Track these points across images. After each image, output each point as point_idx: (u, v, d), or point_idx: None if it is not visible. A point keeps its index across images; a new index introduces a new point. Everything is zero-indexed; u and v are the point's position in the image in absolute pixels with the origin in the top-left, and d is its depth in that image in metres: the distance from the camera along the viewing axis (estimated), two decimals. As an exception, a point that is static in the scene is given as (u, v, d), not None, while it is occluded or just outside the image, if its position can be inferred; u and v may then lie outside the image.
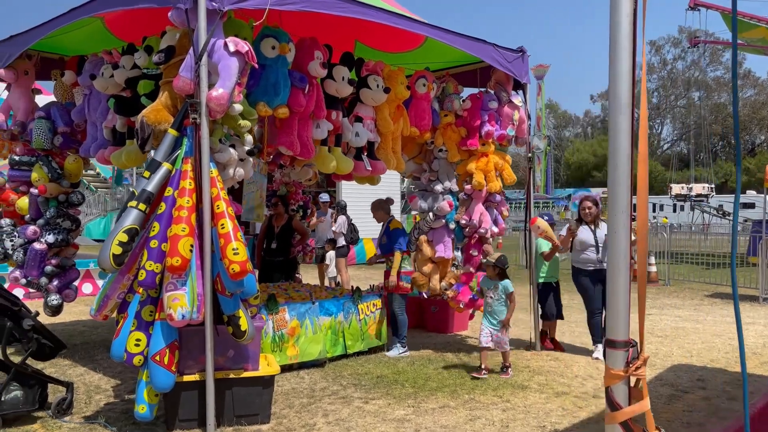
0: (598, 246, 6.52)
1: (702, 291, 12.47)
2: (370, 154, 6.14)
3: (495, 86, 6.83)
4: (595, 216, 6.62)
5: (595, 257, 6.52)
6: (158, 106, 4.59)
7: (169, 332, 4.20)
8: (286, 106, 5.18)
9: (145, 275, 4.07)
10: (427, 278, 6.96)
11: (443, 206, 6.73)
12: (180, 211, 4.17)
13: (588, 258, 6.57)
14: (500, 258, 6.08)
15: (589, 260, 6.57)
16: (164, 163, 4.39)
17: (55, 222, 6.16)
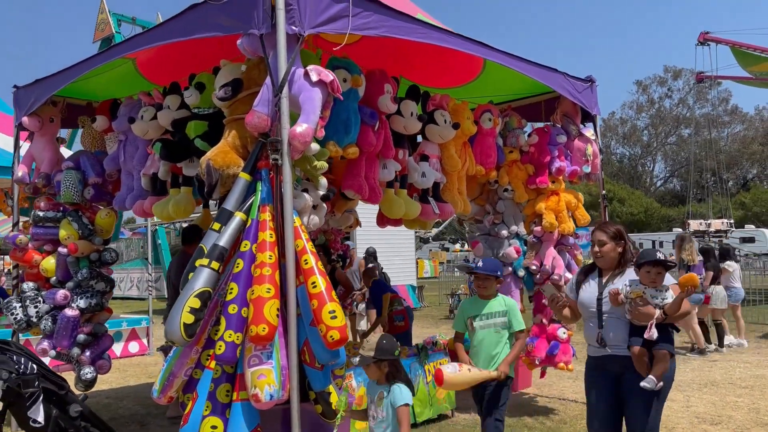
0: (602, 312, 3.81)
1: (751, 332, 11.79)
2: (435, 196, 5.53)
3: (561, 119, 6.30)
4: (612, 259, 3.89)
5: (596, 332, 3.81)
6: (225, 147, 3.97)
7: (251, 416, 3.48)
8: (356, 146, 4.59)
9: (225, 348, 3.38)
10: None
11: (510, 252, 6.11)
12: (262, 268, 3.51)
13: (589, 334, 3.91)
14: (381, 344, 3.73)
15: (590, 338, 3.89)
16: (237, 213, 3.75)
17: (88, 284, 5.45)
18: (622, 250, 3.90)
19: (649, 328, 3.57)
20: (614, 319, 3.79)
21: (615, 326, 3.78)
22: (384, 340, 3.80)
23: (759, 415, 5.88)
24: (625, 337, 3.70)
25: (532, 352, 6.02)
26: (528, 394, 7.11)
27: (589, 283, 3.98)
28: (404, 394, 3.64)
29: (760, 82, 21.05)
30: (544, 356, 5.98)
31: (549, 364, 6.05)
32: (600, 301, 3.84)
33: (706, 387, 7.19)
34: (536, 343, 6.04)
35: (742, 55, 18.93)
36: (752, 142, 60.72)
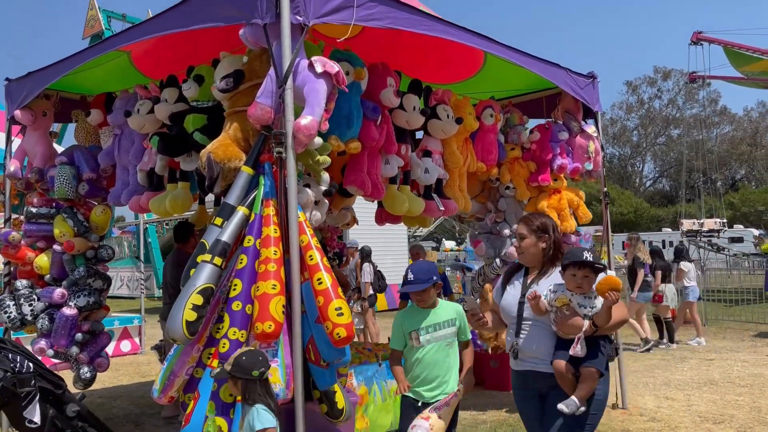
0: (522, 318, 3.28)
1: (745, 330, 11.82)
2: (438, 193, 5.44)
3: (563, 115, 6.23)
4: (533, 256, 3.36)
5: (512, 340, 3.31)
6: (226, 140, 3.87)
7: (256, 416, 3.38)
8: (358, 140, 4.51)
9: (229, 346, 3.29)
10: (494, 333, 6.20)
11: (511, 252, 6.03)
12: (267, 264, 3.42)
13: (507, 343, 3.43)
14: (239, 359, 3.11)
15: (507, 348, 3.41)
16: (239, 207, 3.65)
17: (85, 282, 5.33)
18: (546, 246, 3.31)
19: (575, 342, 3.04)
20: (538, 328, 3.21)
21: (538, 336, 3.20)
22: (244, 356, 3.12)
23: (761, 414, 5.85)
24: (551, 350, 3.16)
25: None
26: (527, 393, 7.04)
27: (514, 285, 3.41)
28: (262, 418, 3.04)
29: (751, 83, 21.14)
30: None
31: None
32: (522, 305, 3.27)
33: (706, 386, 7.16)
34: None
35: (735, 55, 18.99)
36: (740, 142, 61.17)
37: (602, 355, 3.14)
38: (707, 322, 12.89)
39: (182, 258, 6.20)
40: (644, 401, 6.46)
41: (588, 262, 3.08)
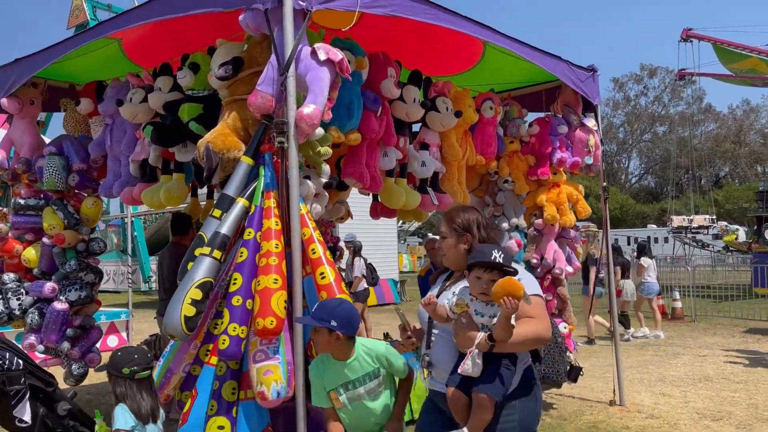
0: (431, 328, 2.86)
1: (735, 327, 11.87)
2: (433, 186, 5.34)
3: (562, 108, 6.16)
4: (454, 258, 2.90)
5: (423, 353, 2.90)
6: (225, 129, 3.75)
7: (260, 415, 3.29)
8: (358, 132, 4.40)
9: (229, 342, 3.17)
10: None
11: (511, 246, 5.94)
12: (268, 258, 3.30)
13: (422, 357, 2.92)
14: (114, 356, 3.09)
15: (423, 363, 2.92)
16: (239, 199, 3.53)
17: (76, 276, 5.18)
18: (467, 247, 2.80)
19: (465, 358, 2.56)
20: (443, 341, 2.77)
21: (443, 350, 2.73)
22: (119, 353, 2.97)
23: (758, 411, 5.83)
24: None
25: None
26: (523, 389, 6.98)
27: (433, 289, 2.97)
28: (117, 418, 2.96)
29: (739, 80, 21.24)
30: None
31: None
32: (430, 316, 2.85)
33: (701, 382, 7.14)
34: None
35: (724, 53, 19.07)
36: (725, 140, 61.69)
37: (500, 379, 2.55)
38: (697, 318, 12.95)
39: (180, 251, 6.05)
40: (641, 398, 6.42)
41: (496, 264, 2.59)
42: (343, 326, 2.87)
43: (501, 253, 2.64)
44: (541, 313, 2.66)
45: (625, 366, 8.01)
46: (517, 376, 2.65)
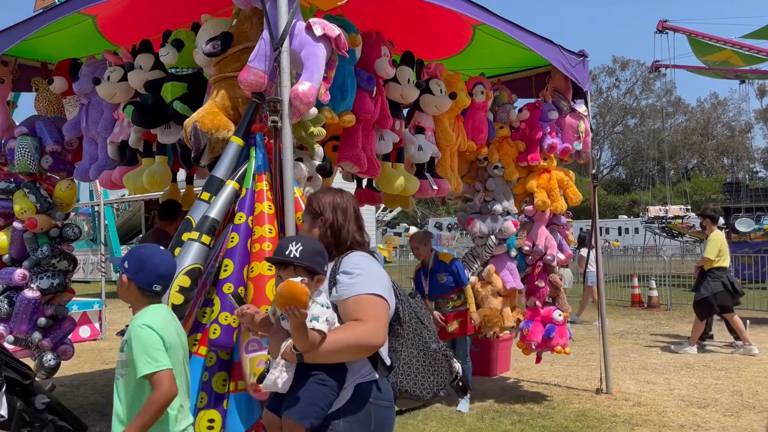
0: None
1: (710, 315, 11.99)
2: (430, 171, 5.20)
3: (552, 94, 6.06)
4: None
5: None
6: (213, 108, 3.56)
7: (251, 408, 3.11)
8: (352, 113, 4.24)
9: (220, 332, 3.01)
10: (500, 315, 6.03)
11: (508, 226, 5.82)
12: (261, 243, 3.14)
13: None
14: None
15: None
16: (228, 181, 3.35)
17: (49, 263, 4.94)
18: (320, 232, 2.45)
19: (271, 371, 2.27)
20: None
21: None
22: None
23: (743, 398, 5.84)
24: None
25: (528, 336, 5.80)
26: (509, 378, 6.93)
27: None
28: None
29: (712, 72, 21.49)
30: (540, 340, 5.76)
31: (545, 348, 5.84)
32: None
33: (683, 369, 7.16)
34: (531, 326, 5.81)
35: (698, 45, 19.23)
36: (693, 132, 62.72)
37: (311, 398, 2.17)
38: (672, 307, 13.08)
39: (163, 238, 5.83)
40: (626, 385, 6.41)
41: (288, 260, 2.22)
42: (131, 271, 2.48)
43: (300, 246, 2.23)
44: (370, 315, 2.18)
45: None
46: (346, 391, 2.23)
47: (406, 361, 2.33)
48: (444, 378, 2.34)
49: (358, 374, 2.24)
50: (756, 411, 5.40)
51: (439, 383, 2.34)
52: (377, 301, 2.22)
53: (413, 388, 2.29)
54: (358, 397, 2.22)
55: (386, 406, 2.27)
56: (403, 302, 2.43)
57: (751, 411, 5.42)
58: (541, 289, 5.86)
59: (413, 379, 2.29)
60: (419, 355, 2.35)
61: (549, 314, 5.82)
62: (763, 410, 5.42)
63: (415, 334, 2.38)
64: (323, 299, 2.20)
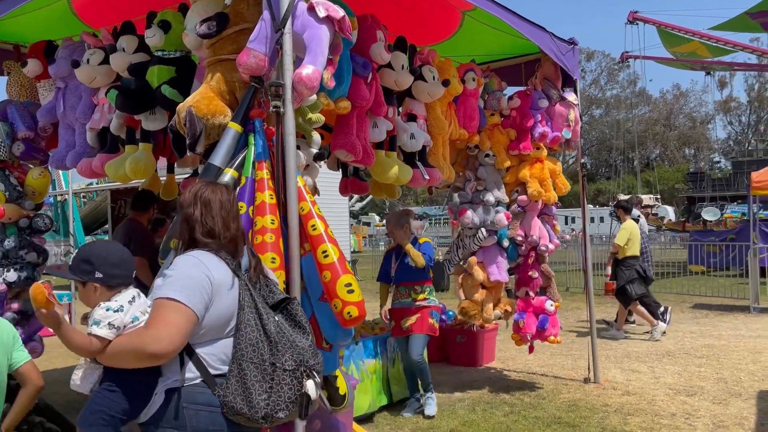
0: None
1: (682, 302, 12.20)
2: (422, 160, 5.09)
3: (542, 82, 6.00)
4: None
5: None
6: (208, 93, 3.37)
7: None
8: (347, 99, 4.09)
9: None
10: (479, 307, 5.97)
11: (500, 219, 5.74)
12: (263, 234, 2.99)
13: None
14: None
15: None
16: (227, 170, 3.18)
17: (17, 254, 4.70)
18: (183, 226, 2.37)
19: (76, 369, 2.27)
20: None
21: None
22: None
23: (728, 386, 5.91)
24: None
25: (523, 328, 5.75)
26: (495, 368, 6.90)
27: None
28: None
29: (680, 63, 21.84)
30: (534, 332, 5.73)
31: (539, 338, 5.81)
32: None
33: (665, 357, 7.23)
34: (525, 318, 5.76)
35: (667, 36, 19.50)
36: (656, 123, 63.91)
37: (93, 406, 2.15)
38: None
39: (135, 228, 5.61)
40: (612, 374, 6.44)
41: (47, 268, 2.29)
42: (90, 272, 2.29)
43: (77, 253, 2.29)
44: (158, 321, 2.08)
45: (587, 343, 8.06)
46: (157, 397, 2.16)
47: (235, 374, 2.13)
48: (283, 398, 2.12)
49: (171, 379, 2.16)
50: (743, 398, 5.46)
51: (275, 403, 2.10)
52: (172, 307, 2.09)
53: (239, 405, 2.09)
54: (169, 402, 2.15)
55: (208, 410, 2.14)
56: (247, 311, 2.22)
57: (738, 398, 5.48)
58: (534, 279, 5.82)
59: (241, 395, 2.10)
60: (253, 370, 2.13)
61: (541, 305, 5.78)
62: (749, 397, 5.48)
63: (251, 346, 2.15)
64: (118, 304, 2.19)
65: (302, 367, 2.18)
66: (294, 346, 2.19)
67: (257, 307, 2.23)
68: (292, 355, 2.17)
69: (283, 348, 2.17)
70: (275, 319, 2.24)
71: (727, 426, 4.77)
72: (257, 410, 2.08)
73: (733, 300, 11.97)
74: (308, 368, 2.20)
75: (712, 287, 13.77)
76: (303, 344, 2.23)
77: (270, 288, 2.36)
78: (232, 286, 2.23)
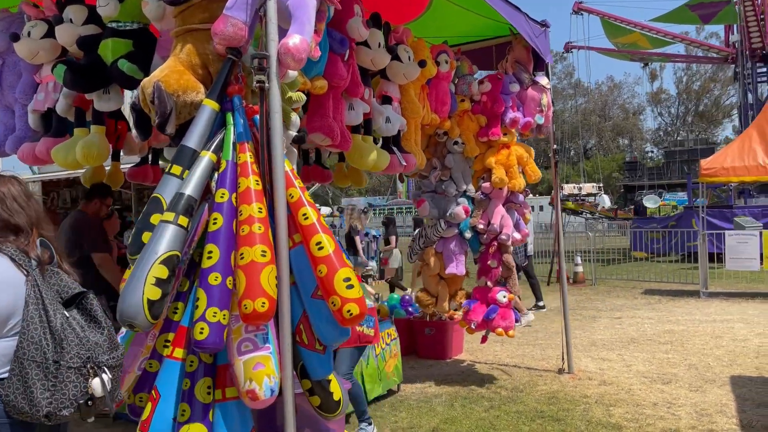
0: None
1: (632, 288, 12.41)
2: (397, 145, 4.81)
3: (513, 66, 5.81)
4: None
5: None
6: (178, 66, 2.99)
7: (243, 419, 2.67)
8: (324, 78, 3.78)
9: (208, 331, 2.51)
10: (433, 299, 5.76)
11: (458, 212, 5.56)
12: (251, 225, 2.65)
13: None
14: None
15: None
16: (203, 152, 2.83)
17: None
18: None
19: None
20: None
21: None
22: None
23: (700, 372, 5.91)
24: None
25: (469, 315, 5.57)
26: (465, 361, 6.72)
27: None
28: None
29: (620, 54, 22.30)
30: (480, 320, 5.52)
31: (486, 328, 5.62)
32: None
33: (630, 344, 7.23)
34: (473, 306, 5.58)
35: (610, 27, 19.85)
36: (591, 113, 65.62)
37: None
38: (596, 282, 13.45)
39: (79, 221, 5.12)
40: (583, 363, 6.36)
41: None
42: None
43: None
44: None
45: (551, 332, 8.02)
46: None
47: (17, 373, 2.05)
48: (68, 396, 2.05)
49: None
50: (717, 385, 5.46)
51: (59, 401, 2.04)
52: None
53: (21, 404, 2.02)
54: None
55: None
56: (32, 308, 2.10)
57: (713, 385, 5.47)
58: (494, 269, 5.63)
59: (22, 394, 2.03)
60: (34, 368, 2.05)
61: (494, 295, 5.57)
62: (723, 384, 5.48)
63: (33, 344, 2.06)
64: None
65: (90, 364, 2.10)
66: (83, 342, 2.11)
67: (44, 304, 2.12)
68: (79, 351, 2.08)
69: (69, 345, 2.08)
70: (64, 315, 2.14)
71: (710, 414, 4.72)
72: (39, 408, 2.03)
73: (681, 285, 12.24)
74: (97, 365, 2.11)
75: (658, 273, 14.10)
76: (96, 339, 2.15)
77: (65, 282, 2.23)
78: (14, 284, 2.11)
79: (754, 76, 22.43)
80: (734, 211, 16.49)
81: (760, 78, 23.00)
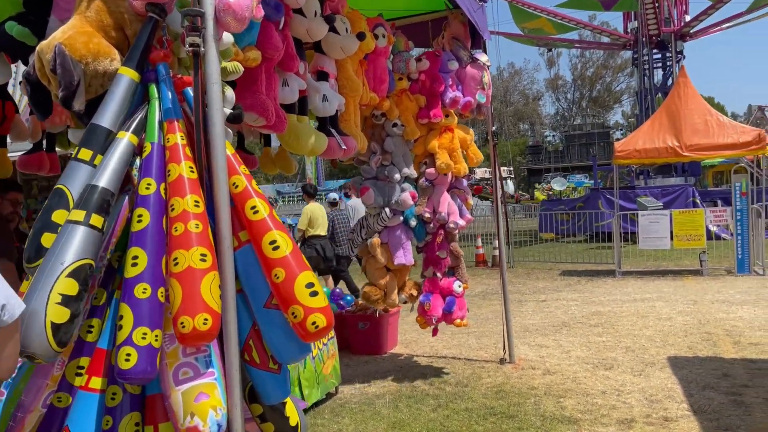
0: None
1: (550, 270, 12.58)
2: (334, 127, 4.35)
3: (450, 42, 5.48)
4: None
5: None
6: (85, 27, 2.40)
7: (184, 462, 2.15)
8: (257, 49, 3.27)
9: (136, 357, 1.99)
10: (382, 292, 5.39)
11: (405, 199, 5.19)
12: (185, 222, 2.14)
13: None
14: None
15: None
16: (121, 133, 2.27)
17: None
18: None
19: None
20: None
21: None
22: None
23: (637, 355, 5.88)
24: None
25: (429, 311, 5.25)
26: (401, 354, 6.40)
27: None
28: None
29: (526, 39, 22.66)
30: (441, 314, 5.25)
31: (446, 321, 5.34)
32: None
33: (562, 329, 7.17)
34: (432, 300, 5.27)
35: (517, 12, 20.05)
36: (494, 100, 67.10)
37: None
38: (515, 264, 13.56)
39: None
40: (521, 352, 6.19)
41: None
42: None
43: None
44: None
45: (481, 318, 7.87)
46: None
47: None
48: None
49: None
50: (658, 368, 5.42)
51: None
52: None
53: None
54: None
55: None
56: None
57: (653, 368, 5.42)
58: (443, 260, 5.34)
59: None
60: None
61: (449, 286, 5.32)
62: (663, 366, 5.45)
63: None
64: None
65: None
66: None
67: None
68: None
69: None
70: None
71: (660, 400, 4.63)
72: None
73: (596, 265, 12.52)
74: None
75: (571, 253, 14.43)
76: None
77: None
78: None
79: (651, 62, 23.50)
80: (636, 191, 17.16)
81: (656, 63, 24.17)
